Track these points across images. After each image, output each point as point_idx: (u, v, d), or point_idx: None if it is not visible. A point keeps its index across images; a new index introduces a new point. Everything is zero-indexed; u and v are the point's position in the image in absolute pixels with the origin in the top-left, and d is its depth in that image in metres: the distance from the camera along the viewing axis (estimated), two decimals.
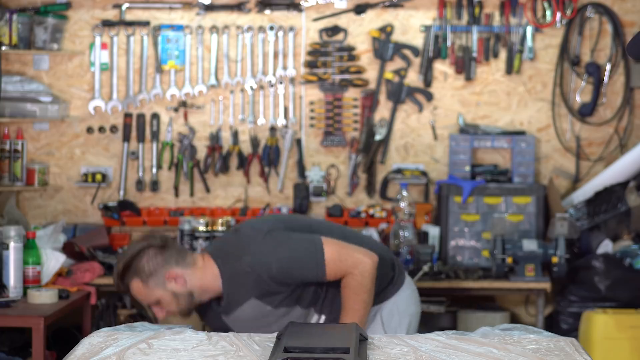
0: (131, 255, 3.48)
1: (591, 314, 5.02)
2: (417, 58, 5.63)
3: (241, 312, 3.57)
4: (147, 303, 3.53)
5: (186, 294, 3.52)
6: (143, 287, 3.48)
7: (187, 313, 3.57)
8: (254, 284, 3.51)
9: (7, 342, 4.95)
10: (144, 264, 3.48)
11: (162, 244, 3.53)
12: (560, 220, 5.13)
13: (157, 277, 3.48)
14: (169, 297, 3.51)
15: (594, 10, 5.59)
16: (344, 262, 3.47)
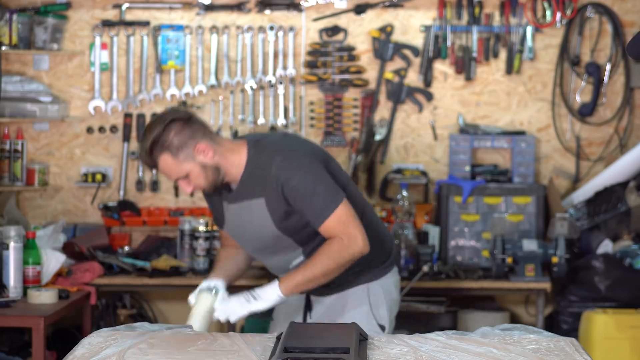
0: (158, 130, 3.40)
1: (591, 314, 5.02)
2: (417, 58, 5.63)
3: (244, 208, 3.55)
4: (176, 177, 3.46)
5: (214, 167, 3.46)
6: (173, 161, 3.41)
7: (214, 187, 3.51)
8: (269, 186, 3.47)
9: (7, 342, 4.95)
10: (172, 138, 3.41)
11: (188, 117, 3.48)
12: (560, 220, 5.13)
13: (186, 150, 3.41)
14: (198, 170, 3.44)
15: (594, 10, 5.59)
16: (344, 228, 3.46)
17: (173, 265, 5.21)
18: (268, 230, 3.53)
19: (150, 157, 3.42)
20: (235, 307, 3.56)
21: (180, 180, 3.47)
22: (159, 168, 3.44)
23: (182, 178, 3.45)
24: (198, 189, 3.52)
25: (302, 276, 3.48)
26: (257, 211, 3.51)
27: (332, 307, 3.67)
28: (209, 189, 3.52)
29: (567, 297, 5.22)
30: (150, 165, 3.47)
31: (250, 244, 3.66)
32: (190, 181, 3.46)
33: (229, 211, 3.60)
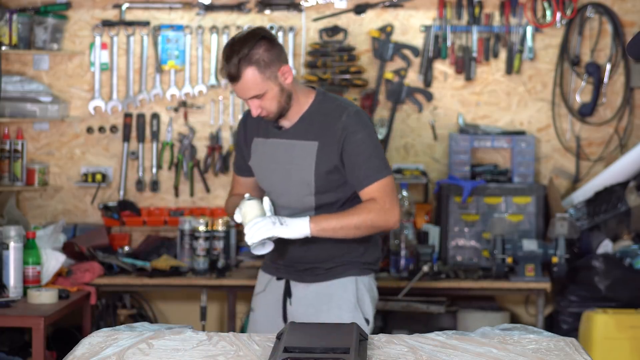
0: (250, 45, 3.40)
1: (591, 314, 5.02)
2: (417, 58, 5.63)
3: (291, 146, 3.56)
4: (254, 94, 3.43)
5: (288, 93, 3.47)
6: (258, 76, 3.40)
7: (278, 115, 3.50)
8: (330, 134, 3.49)
9: (7, 342, 4.95)
10: (262, 54, 3.41)
11: (273, 38, 3.50)
12: (560, 220, 5.13)
13: (272, 69, 3.41)
14: (275, 91, 3.44)
15: (594, 10, 5.59)
16: (387, 197, 3.49)
17: (173, 265, 5.21)
18: (303, 174, 3.54)
19: (237, 68, 3.38)
20: (262, 226, 3.46)
21: (254, 100, 3.43)
22: (241, 81, 3.40)
23: (257, 97, 3.43)
24: (266, 114, 3.48)
25: (335, 221, 3.47)
26: (304, 153, 3.52)
27: (317, 295, 3.64)
28: (274, 116, 3.49)
29: (567, 297, 5.22)
30: (233, 76, 3.41)
31: (273, 181, 3.63)
32: (263, 102, 3.44)
33: (267, 146, 3.60)
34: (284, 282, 3.70)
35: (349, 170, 3.52)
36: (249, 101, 3.46)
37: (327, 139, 3.50)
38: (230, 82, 3.45)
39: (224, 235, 5.31)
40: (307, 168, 3.52)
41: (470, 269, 5.21)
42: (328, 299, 3.62)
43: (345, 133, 3.48)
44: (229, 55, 3.40)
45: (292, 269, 3.68)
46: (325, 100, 3.56)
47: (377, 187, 3.49)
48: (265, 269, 3.81)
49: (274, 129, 3.59)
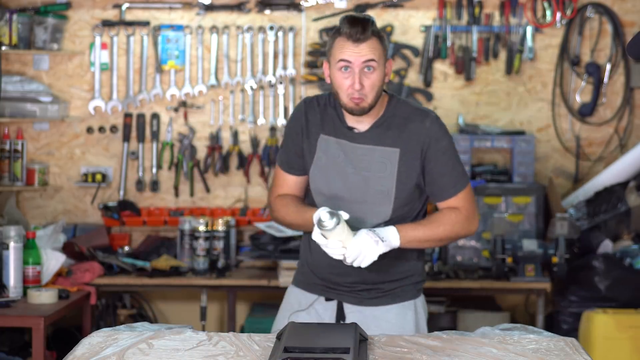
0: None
1: (591, 314, 5.02)
2: (417, 58, 5.63)
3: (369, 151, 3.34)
4: (371, 57, 3.23)
5: (383, 88, 3.32)
6: (381, 46, 3.26)
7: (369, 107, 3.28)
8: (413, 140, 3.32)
9: (7, 342, 4.95)
10: (382, 35, 3.31)
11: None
12: (560, 220, 5.13)
13: (385, 53, 3.29)
14: (381, 75, 3.26)
15: (594, 10, 5.59)
16: (469, 205, 3.36)
17: (173, 265, 5.21)
18: (383, 183, 3.32)
19: (366, 29, 3.23)
20: (367, 247, 3.19)
21: (364, 71, 3.23)
22: (367, 42, 3.22)
23: (370, 67, 3.23)
24: (362, 95, 3.24)
25: (422, 231, 3.30)
26: (384, 160, 3.33)
27: (375, 320, 3.37)
28: (366, 103, 3.25)
29: (567, 297, 5.22)
30: (360, 34, 3.22)
31: (344, 187, 3.35)
32: (369, 77, 3.24)
33: (339, 147, 3.36)
34: (335, 303, 3.41)
35: (431, 180, 3.35)
36: (357, 71, 3.23)
37: (410, 146, 3.33)
38: (352, 40, 3.22)
39: (224, 235, 5.32)
40: (388, 176, 3.32)
41: (470, 269, 5.21)
42: (388, 326, 3.35)
43: (429, 140, 3.32)
44: (357, 18, 3.25)
45: (346, 289, 3.39)
46: (401, 104, 3.39)
47: (463, 195, 3.35)
48: (305, 287, 3.48)
49: (345, 130, 3.37)
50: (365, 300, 3.38)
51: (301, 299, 3.47)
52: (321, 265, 3.39)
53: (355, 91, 3.23)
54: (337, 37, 3.27)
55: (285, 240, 5.22)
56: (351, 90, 3.24)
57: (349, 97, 3.25)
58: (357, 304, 3.38)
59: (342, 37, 3.25)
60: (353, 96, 3.25)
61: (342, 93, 3.27)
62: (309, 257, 3.46)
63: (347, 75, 3.24)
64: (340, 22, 3.27)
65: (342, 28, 3.25)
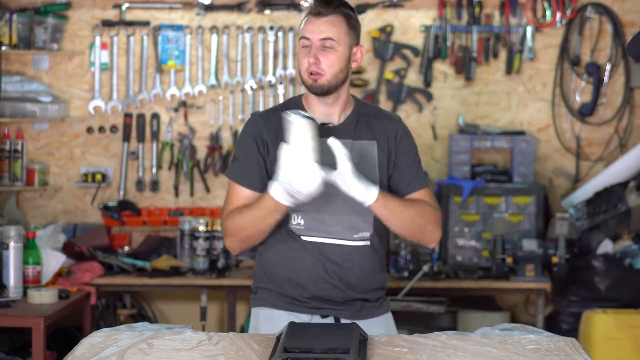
0: (348, 5, 3.24)
1: (591, 314, 5.02)
2: (417, 58, 5.63)
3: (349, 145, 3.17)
4: (328, 35, 3.16)
5: (346, 74, 3.21)
6: (345, 24, 3.18)
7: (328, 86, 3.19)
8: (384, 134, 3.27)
9: (7, 342, 4.95)
10: (354, 17, 3.23)
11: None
12: (560, 220, 5.13)
13: (352, 36, 3.20)
14: (343, 53, 3.19)
15: (594, 10, 5.59)
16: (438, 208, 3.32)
17: (173, 265, 5.21)
18: (367, 174, 3.18)
19: (337, 5, 3.18)
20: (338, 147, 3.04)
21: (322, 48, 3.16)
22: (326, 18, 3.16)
23: (327, 45, 3.16)
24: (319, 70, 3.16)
25: (399, 203, 3.17)
26: (364, 152, 3.25)
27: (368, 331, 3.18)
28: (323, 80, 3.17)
29: (567, 297, 5.22)
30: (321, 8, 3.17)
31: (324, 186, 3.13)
32: (327, 54, 3.16)
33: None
34: (331, 319, 3.25)
35: (399, 173, 3.28)
36: (314, 47, 3.16)
37: (382, 140, 3.28)
38: (313, 14, 3.17)
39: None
40: (370, 169, 3.24)
41: (470, 269, 5.21)
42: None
43: (400, 136, 3.29)
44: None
45: (339, 303, 3.25)
46: (366, 105, 3.37)
47: (429, 194, 3.31)
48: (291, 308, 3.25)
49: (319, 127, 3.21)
50: (357, 313, 3.27)
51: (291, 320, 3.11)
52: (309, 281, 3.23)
53: (312, 64, 3.16)
54: (305, 17, 3.23)
55: None
56: (307, 65, 3.17)
57: (307, 73, 3.18)
58: (352, 318, 3.23)
59: (308, 15, 3.21)
60: (310, 70, 3.17)
61: (302, 70, 3.20)
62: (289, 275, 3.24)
63: (307, 52, 3.18)
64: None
65: (309, 5, 3.27)
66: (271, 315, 3.25)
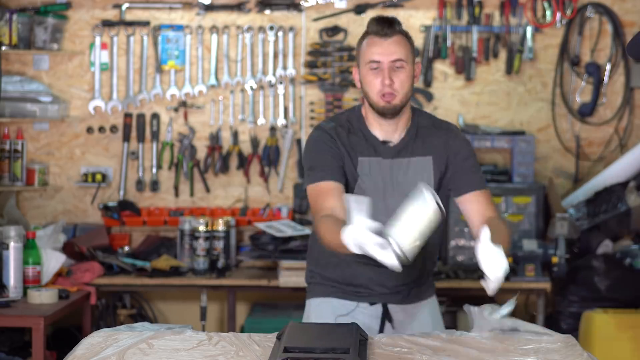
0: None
1: (591, 314, 5.02)
2: (417, 58, 5.62)
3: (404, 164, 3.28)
4: (399, 57, 3.20)
5: (412, 88, 3.28)
6: (408, 44, 3.23)
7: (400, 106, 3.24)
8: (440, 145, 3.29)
9: (7, 342, 4.95)
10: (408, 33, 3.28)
11: None
12: (560, 220, 5.13)
13: (414, 53, 3.26)
14: (410, 72, 3.24)
15: (594, 10, 5.59)
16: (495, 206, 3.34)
17: (173, 265, 5.21)
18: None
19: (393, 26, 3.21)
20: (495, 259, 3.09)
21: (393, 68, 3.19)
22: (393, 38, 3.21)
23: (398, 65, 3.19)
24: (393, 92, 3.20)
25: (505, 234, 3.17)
26: (421, 169, 3.29)
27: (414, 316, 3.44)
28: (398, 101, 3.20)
29: (567, 297, 5.22)
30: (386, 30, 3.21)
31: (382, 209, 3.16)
32: (399, 75, 3.20)
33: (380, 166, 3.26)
34: (379, 305, 3.38)
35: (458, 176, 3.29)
36: (386, 68, 3.18)
37: (439, 154, 3.30)
38: (379, 35, 3.20)
39: (224, 235, 5.32)
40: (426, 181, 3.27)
41: (470, 269, 5.21)
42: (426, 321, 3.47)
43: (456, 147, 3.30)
44: (384, 18, 3.25)
45: (388, 290, 3.36)
46: (423, 114, 3.40)
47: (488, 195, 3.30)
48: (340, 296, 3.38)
49: (379, 146, 3.28)
50: (406, 298, 3.39)
51: (338, 306, 3.37)
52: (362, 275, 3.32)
53: (386, 86, 3.19)
54: (365, 38, 3.25)
55: (285, 240, 5.22)
56: (381, 87, 3.20)
57: (380, 95, 3.20)
58: (400, 303, 3.38)
59: (370, 36, 3.23)
60: (384, 92, 3.20)
61: (373, 92, 3.22)
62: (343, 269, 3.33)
63: (377, 73, 3.20)
64: (368, 23, 3.26)
65: (370, 27, 3.24)
66: (320, 302, 3.40)
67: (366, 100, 3.26)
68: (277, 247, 5.20)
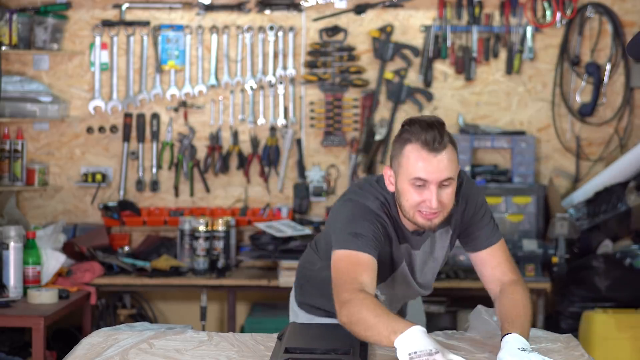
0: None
1: (591, 314, 5.02)
2: (417, 58, 5.63)
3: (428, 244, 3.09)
4: (448, 175, 2.82)
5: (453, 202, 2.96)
6: (454, 156, 2.85)
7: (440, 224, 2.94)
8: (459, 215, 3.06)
9: (7, 342, 4.95)
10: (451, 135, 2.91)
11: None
12: (560, 220, 5.13)
13: (457, 159, 2.90)
14: (455, 186, 2.89)
15: (594, 10, 5.59)
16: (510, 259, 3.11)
17: (173, 265, 5.21)
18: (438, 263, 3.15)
19: (442, 138, 2.81)
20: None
21: (442, 187, 2.85)
22: (443, 154, 2.81)
23: (446, 184, 2.85)
24: (440, 210, 2.87)
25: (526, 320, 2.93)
26: (441, 242, 3.12)
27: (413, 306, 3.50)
28: (443, 216, 2.91)
29: (567, 297, 5.22)
30: (439, 138, 2.80)
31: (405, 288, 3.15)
32: (447, 192, 2.86)
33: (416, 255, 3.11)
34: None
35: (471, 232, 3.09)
36: (434, 188, 2.84)
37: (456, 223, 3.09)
38: (428, 148, 2.80)
39: (224, 235, 5.32)
40: (439, 258, 3.16)
41: (470, 269, 5.20)
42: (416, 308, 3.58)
43: (469, 212, 3.08)
44: (432, 124, 2.83)
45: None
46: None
47: (503, 247, 3.10)
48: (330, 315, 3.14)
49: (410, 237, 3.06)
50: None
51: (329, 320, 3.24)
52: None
53: (432, 208, 2.85)
54: (408, 144, 2.84)
55: (285, 240, 5.22)
56: (423, 207, 2.86)
57: (418, 212, 2.88)
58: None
59: (416, 146, 2.82)
60: (425, 212, 2.86)
61: (410, 208, 2.89)
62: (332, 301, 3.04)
63: (421, 191, 2.85)
64: (409, 125, 2.86)
65: (415, 135, 2.83)
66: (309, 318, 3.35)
67: (400, 209, 2.95)
68: (277, 247, 5.20)
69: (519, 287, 3.01)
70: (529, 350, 2.67)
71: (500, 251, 3.09)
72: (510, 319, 2.83)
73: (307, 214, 5.58)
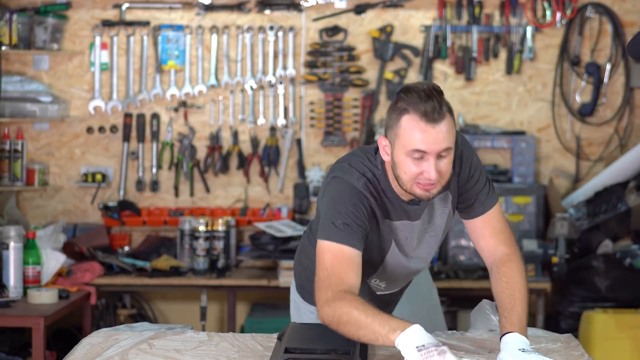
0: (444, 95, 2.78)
1: (591, 314, 5.02)
2: (417, 58, 5.63)
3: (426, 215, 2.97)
4: (447, 145, 2.71)
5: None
6: (452, 125, 2.72)
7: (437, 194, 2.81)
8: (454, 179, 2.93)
9: (7, 342, 4.95)
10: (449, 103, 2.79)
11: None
12: (560, 220, 5.13)
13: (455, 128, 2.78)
14: (452, 157, 2.77)
15: (594, 10, 5.59)
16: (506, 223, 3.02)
17: (173, 265, 5.21)
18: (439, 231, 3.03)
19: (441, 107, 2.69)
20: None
21: (440, 158, 2.73)
22: (442, 124, 2.69)
23: (444, 155, 2.73)
24: (438, 181, 2.76)
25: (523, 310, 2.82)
26: (441, 209, 2.99)
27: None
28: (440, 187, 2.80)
29: (567, 297, 5.22)
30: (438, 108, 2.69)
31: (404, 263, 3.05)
32: (444, 163, 2.74)
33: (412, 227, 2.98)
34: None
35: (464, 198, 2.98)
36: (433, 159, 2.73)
37: (453, 189, 2.97)
38: (427, 119, 2.69)
39: (224, 235, 5.32)
40: (439, 226, 3.03)
41: (470, 269, 5.21)
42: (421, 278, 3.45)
43: (464, 175, 2.95)
44: (429, 92, 2.70)
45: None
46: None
47: (498, 210, 2.98)
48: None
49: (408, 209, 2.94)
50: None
51: None
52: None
53: (430, 179, 2.74)
54: (405, 115, 2.73)
55: (285, 240, 5.22)
56: (422, 178, 2.75)
57: (417, 184, 2.77)
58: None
59: (414, 116, 2.71)
60: (423, 183, 2.76)
61: (408, 179, 2.78)
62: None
63: (419, 163, 2.74)
64: (405, 94, 2.74)
65: (412, 105, 2.71)
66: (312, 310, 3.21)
67: (396, 180, 2.85)
68: (277, 247, 5.20)
69: (514, 265, 2.90)
70: (530, 350, 2.66)
71: (495, 219, 2.97)
72: (507, 312, 2.78)
73: (307, 214, 5.58)
